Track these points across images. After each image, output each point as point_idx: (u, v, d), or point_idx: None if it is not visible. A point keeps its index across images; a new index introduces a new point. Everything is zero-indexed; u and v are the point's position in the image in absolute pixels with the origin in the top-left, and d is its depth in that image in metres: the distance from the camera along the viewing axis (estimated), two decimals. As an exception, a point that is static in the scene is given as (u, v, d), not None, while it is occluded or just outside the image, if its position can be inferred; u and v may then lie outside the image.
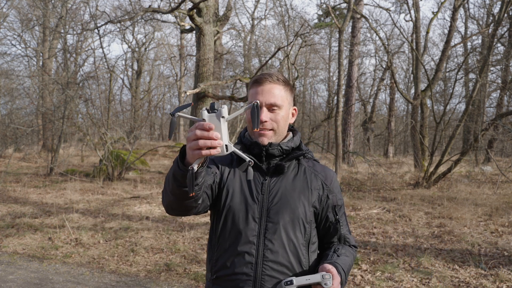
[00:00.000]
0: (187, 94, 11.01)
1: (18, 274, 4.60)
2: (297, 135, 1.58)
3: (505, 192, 9.31)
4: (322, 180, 1.53)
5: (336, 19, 9.76)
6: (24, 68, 21.35)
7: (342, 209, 1.56)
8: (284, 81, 1.51)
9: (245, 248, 1.42)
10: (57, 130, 13.51)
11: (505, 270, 4.45)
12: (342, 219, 1.55)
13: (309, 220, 1.47)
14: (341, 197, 1.57)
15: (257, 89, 1.48)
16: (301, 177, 1.51)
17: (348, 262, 1.47)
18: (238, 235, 1.43)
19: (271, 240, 1.42)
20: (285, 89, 1.51)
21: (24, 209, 7.65)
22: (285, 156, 1.52)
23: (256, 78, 1.50)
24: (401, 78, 25.99)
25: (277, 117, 1.48)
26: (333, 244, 1.56)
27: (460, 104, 21.46)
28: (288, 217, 1.44)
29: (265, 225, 1.43)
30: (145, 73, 29.90)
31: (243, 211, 1.45)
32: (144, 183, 10.75)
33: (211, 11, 12.45)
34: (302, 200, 1.47)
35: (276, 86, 1.49)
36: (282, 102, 1.49)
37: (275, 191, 1.47)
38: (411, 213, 7.27)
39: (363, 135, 21.93)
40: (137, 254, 5.21)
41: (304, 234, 1.46)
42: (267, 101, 1.46)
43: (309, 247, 1.48)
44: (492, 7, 16.85)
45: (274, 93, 1.47)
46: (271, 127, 1.48)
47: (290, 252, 1.43)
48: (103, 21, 16.75)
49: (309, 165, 1.57)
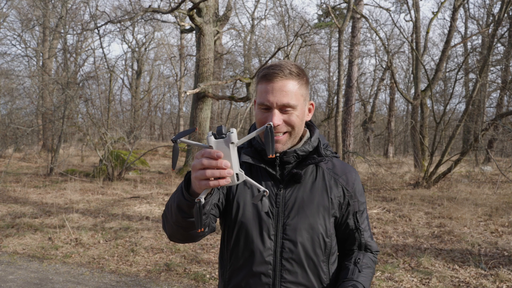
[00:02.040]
0: (187, 94, 11.01)
1: (18, 274, 4.60)
2: (315, 133, 1.39)
3: (505, 192, 9.31)
4: (343, 186, 1.37)
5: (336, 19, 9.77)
6: (24, 68, 21.37)
7: (364, 214, 1.41)
8: (298, 74, 1.28)
9: (261, 268, 1.29)
10: (57, 130, 13.52)
11: (505, 270, 4.45)
12: (363, 225, 1.40)
13: (330, 234, 1.33)
14: (363, 201, 1.41)
15: (266, 86, 1.26)
16: (319, 184, 1.34)
17: (370, 275, 1.36)
18: (252, 254, 1.30)
19: (288, 260, 1.29)
20: (300, 84, 1.28)
21: (24, 209, 7.65)
22: (301, 160, 1.35)
23: (265, 72, 1.28)
24: (401, 78, 26.01)
25: (291, 118, 1.27)
26: (353, 251, 1.42)
27: (460, 104, 21.48)
28: (306, 233, 1.30)
29: (281, 243, 1.30)
30: (145, 73, 29.92)
31: (256, 228, 1.30)
32: (144, 183, 10.75)
33: (211, 11, 12.45)
34: (322, 212, 1.32)
35: (289, 83, 1.26)
36: (297, 100, 1.27)
37: (291, 203, 1.31)
38: (411, 213, 7.27)
39: (363, 135, 21.94)
40: (137, 254, 5.21)
41: (325, 249, 1.33)
42: (279, 102, 1.25)
43: (330, 260, 1.36)
44: (492, 7, 16.86)
45: (287, 91, 1.25)
46: (285, 130, 1.28)
47: (310, 271, 1.31)
48: (103, 21, 16.76)
49: (329, 167, 1.39)
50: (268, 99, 1.25)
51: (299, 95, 1.28)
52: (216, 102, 22.67)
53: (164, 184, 10.73)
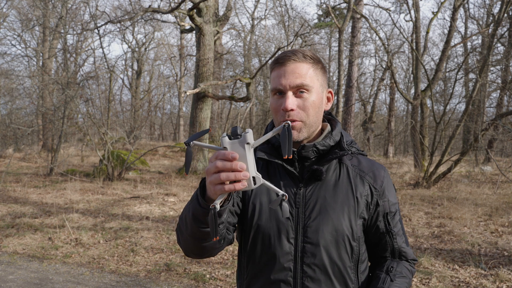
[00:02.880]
0: (187, 94, 11.01)
1: (18, 274, 4.60)
2: (337, 126, 1.27)
3: (505, 192, 9.31)
4: (370, 184, 1.23)
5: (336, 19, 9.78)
6: (24, 68, 21.38)
7: (396, 216, 1.26)
8: (312, 58, 1.19)
9: (280, 276, 1.18)
10: (57, 130, 13.52)
11: (505, 270, 4.45)
12: (396, 228, 1.25)
13: (357, 237, 1.20)
14: (395, 201, 1.27)
15: (279, 71, 1.18)
16: (344, 182, 1.22)
17: (404, 285, 1.20)
18: (270, 260, 1.20)
19: (310, 266, 1.17)
20: (315, 68, 1.19)
21: (24, 209, 7.65)
22: (322, 156, 1.23)
23: (277, 57, 1.20)
24: (401, 78, 26.02)
25: (305, 103, 1.16)
26: (386, 259, 1.27)
27: (460, 104, 21.49)
28: (330, 235, 1.17)
29: (302, 247, 1.18)
30: (145, 73, 29.92)
31: (274, 231, 1.19)
32: (144, 183, 10.75)
33: (211, 11, 12.45)
34: (347, 212, 1.19)
35: (302, 65, 1.17)
36: (312, 82, 1.17)
37: (312, 203, 1.20)
38: (411, 213, 7.27)
39: (363, 135, 21.94)
40: (137, 254, 5.21)
41: (352, 254, 1.19)
42: (291, 84, 1.15)
43: (358, 268, 1.22)
44: (492, 7, 16.86)
45: (300, 73, 1.16)
46: (299, 118, 1.17)
47: (335, 278, 1.18)
48: (103, 21, 16.77)
49: (354, 163, 1.26)
50: (281, 82, 1.16)
51: (315, 78, 1.19)
52: (216, 102, 22.68)
53: (164, 184, 10.74)
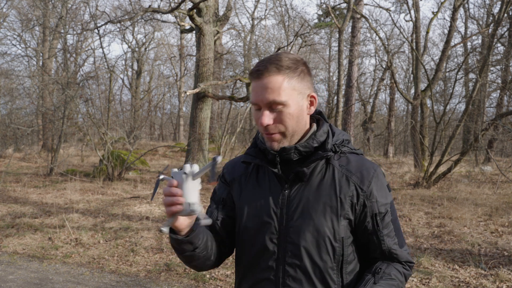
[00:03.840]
0: (187, 94, 11.01)
1: (18, 274, 4.60)
2: (323, 127, 1.26)
3: (505, 192, 9.31)
4: (357, 184, 1.21)
5: (336, 19, 9.78)
6: (24, 68, 21.37)
7: (387, 217, 1.23)
8: (288, 67, 1.17)
9: (264, 274, 1.22)
10: (57, 130, 13.52)
11: (505, 270, 4.45)
12: (386, 229, 1.22)
13: (340, 238, 1.19)
14: (385, 202, 1.23)
15: (254, 84, 1.19)
16: (328, 183, 1.21)
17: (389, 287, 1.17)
18: (256, 259, 1.23)
19: (292, 266, 1.19)
20: (291, 77, 1.17)
21: (24, 209, 7.65)
22: (306, 157, 1.23)
23: (253, 68, 1.20)
24: (401, 78, 26.02)
25: (282, 116, 1.17)
26: (377, 260, 1.25)
27: (460, 104, 21.48)
28: (311, 236, 1.18)
29: (285, 247, 1.20)
30: (145, 73, 29.92)
31: (258, 231, 1.23)
32: (144, 183, 10.75)
33: (211, 11, 12.45)
34: (329, 213, 1.19)
35: (275, 79, 1.16)
36: (287, 96, 1.16)
37: (295, 204, 1.21)
38: (411, 213, 7.27)
39: (363, 135, 21.94)
40: (137, 254, 5.21)
41: (334, 255, 1.19)
42: (264, 100, 1.16)
43: (343, 268, 1.21)
44: (492, 7, 16.86)
45: (272, 87, 1.15)
46: (277, 131, 1.19)
47: (316, 279, 1.19)
48: (103, 21, 16.76)
49: (342, 163, 1.24)
50: (256, 98, 1.18)
51: (290, 90, 1.17)
52: (216, 102, 22.67)
53: (164, 184, 10.72)
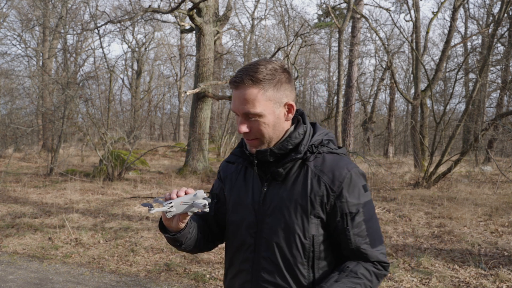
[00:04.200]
0: (187, 94, 11.02)
1: (18, 274, 4.60)
2: (299, 128, 1.30)
3: (505, 192, 9.31)
4: (327, 184, 1.25)
5: (336, 19, 9.77)
6: (24, 68, 21.37)
7: (359, 217, 1.26)
8: (263, 79, 1.21)
9: (244, 265, 1.32)
10: (57, 130, 13.52)
11: (505, 270, 4.45)
12: (356, 229, 1.25)
13: (310, 235, 1.25)
14: (356, 202, 1.26)
15: (233, 93, 1.26)
16: (300, 183, 1.27)
17: (355, 286, 1.20)
18: (238, 250, 1.34)
19: (265, 259, 1.28)
20: (266, 89, 1.22)
21: (24, 209, 7.65)
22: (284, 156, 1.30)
23: (232, 77, 1.26)
24: (401, 78, 26.02)
25: (258, 125, 1.23)
26: (349, 259, 1.29)
27: (460, 104, 21.48)
28: (282, 233, 1.26)
29: (260, 241, 1.29)
30: (145, 73, 29.92)
31: (240, 225, 1.33)
32: (144, 183, 10.75)
33: (211, 11, 12.45)
34: (300, 212, 1.25)
35: (250, 91, 1.21)
36: (262, 108, 1.21)
37: (270, 201, 1.29)
38: (411, 213, 7.27)
39: (363, 135, 21.94)
40: (137, 254, 5.21)
41: (303, 251, 1.25)
42: (241, 110, 1.23)
43: (315, 264, 1.27)
44: (492, 7, 16.87)
45: (247, 99, 1.21)
46: (254, 137, 1.26)
47: (287, 273, 1.26)
48: (103, 21, 16.76)
49: (317, 163, 1.28)
50: (233, 106, 1.25)
51: (265, 101, 1.22)
52: (216, 102, 22.66)
53: (164, 184, 10.74)
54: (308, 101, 30.46)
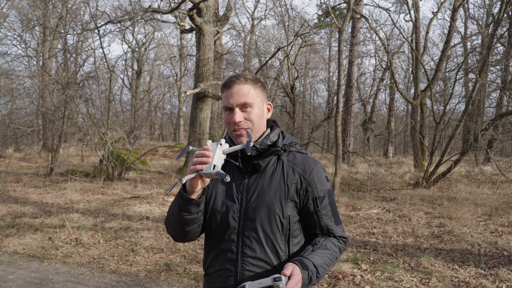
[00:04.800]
0: (187, 94, 11.02)
1: (18, 274, 4.60)
2: (275, 131, 1.61)
3: (505, 192, 9.31)
4: (300, 174, 1.54)
5: (336, 19, 9.75)
6: (24, 68, 21.34)
7: (325, 200, 1.55)
8: (252, 80, 1.55)
9: (227, 245, 1.51)
10: (57, 130, 13.52)
11: (505, 270, 4.46)
12: (324, 210, 1.54)
13: (287, 216, 1.50)
14: (323, 188, 1.55)
15: (227, 93, 1.53)
16: (278, 173, 1.54)
17: (325, 256, 1.47)
18: (221, 234, 1.53)
19: (249, 237, 1.49)
20: (254, 87, 1.55)
21: (24, 209, 7.66)
22: (262, 153, 1.55)
23: (224, 82, 1.56)
24: (401, 78, 26.01)
25: (250, 115, 1.52)
26: (317, 235, 1.56)
27: (460, 104, 21.46)
28: (264, 214, 1.48)
29: (244, 223, 1.50)
30: (145, 73, 29.91)
31: (223, 212, 1.52)
32: (144, 183, 10.76)
33: (211, 11, 12.45)
34: (279, 196, 1.50)
35: (244, 87, 1.53)
36: (253, 99, 1.53)
37: (252, 189, 1.52)
38: (411, 213, 7.28)
39: (363, 135, 21.94)
40: (137, 254, 5.22)
41: (282, 229, 1.50)
42: (237, 102, 1.51)
43: (290, 241, 1.51)
44: (492, 7, 16.87)
45: (243, 93, 1.52)
46: (246, 127, 1.53)
47: (268, 248, 1.48)
48: (103, 21, 16.77)
49: (290, 159, 1.58)
50: (229, 101, 1.52)
51: (255, 96, 1.55)
52: (216, 102, 22.65)
53: (164, 184, 10.74)
54: (308, 101, 30.46)
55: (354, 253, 5.14)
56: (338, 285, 4.20)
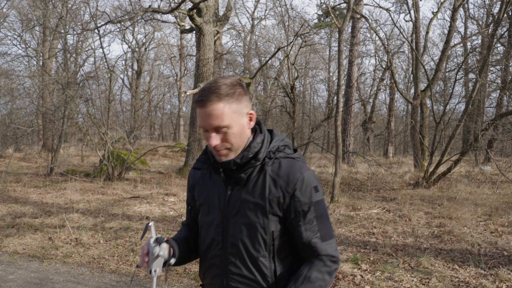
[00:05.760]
0: (187, 94, 11.01)
1: (18, 274, 4.60)
2: (257, 138, 1.45)
3: (505, 192, 9.31)
4: (283, 187, 1.39)
5: (336, 19, 9.76)
6: (24, 68, 21.35)
7: (310, 214, 1.40)
8: (227, 94, 1.35)
9: (213, 260, 1.48)
10: (57, 130, 13.52)
11: (505, 270, 4.46)
12: (308, 224, 1.40)
13: (270, 232, 1.40)
14: (307, 201, 1.40)
15: (200, 111, 1.37)
16: (259, 186, 1.41)
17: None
18: (208, 248, 1.50)
19: (232, 254, 1.43)
20: (230, 102, 1.35)
21: (24, 209, 7.66)
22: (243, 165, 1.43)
23: (197, 96, 1.38)
24: (401, 78, 26.02)
25: (227, 136, 1.37)
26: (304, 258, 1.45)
27: (460, 104, 21.47)
28: (246, 230, 1.41)
29: (227, 239, 1.44)
30: (145, 73, 29.92)
31: (211, 224, 1.48)
32: (144, 183, 10.76)
33: (211, 11, 12.46)
34: (260, 211, 1.40)
35: (217, 107, 1.34)
36: (229, 120, 1.35)
37: (234, 203, 1.43)
38: (411, 213, 7.28)
39: (363, 135, 21.95)
40: (137, 254, 5.21)
41: (265, 246, 1.41)
42: (211, 126, 1.35)
43: (275, 256, 1.42)
44: (492, 7, 16.87)
45: (216, 114, 1.34)
46: (224, 148, 1.39)
47: (252, 266, 1.41)
48: (103, 21, 16.76)
49: (274, 169, 1.42)
50: (203, 123, 1.37)
51: (231, 113, 1.35)
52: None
53: (164, 184, 10.74)
54: (308, 101, 30.47)
55: (354, 253, 5.14)
56: (338, 285, 4.20)
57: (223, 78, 1.41)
